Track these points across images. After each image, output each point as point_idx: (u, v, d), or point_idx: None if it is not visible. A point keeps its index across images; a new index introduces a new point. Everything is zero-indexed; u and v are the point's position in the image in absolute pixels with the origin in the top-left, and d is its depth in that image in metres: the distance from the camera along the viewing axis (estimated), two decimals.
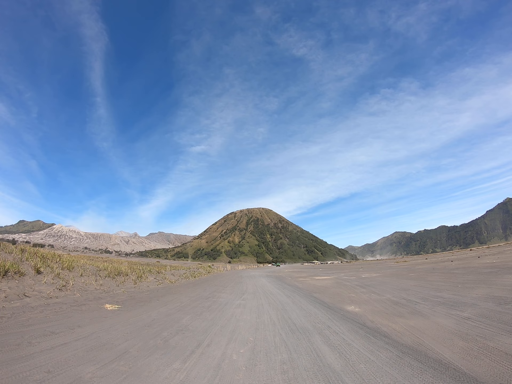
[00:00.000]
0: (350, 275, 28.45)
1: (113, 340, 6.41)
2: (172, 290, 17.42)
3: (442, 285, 15.99)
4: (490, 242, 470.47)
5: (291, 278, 28.03)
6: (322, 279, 25.01)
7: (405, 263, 60.77)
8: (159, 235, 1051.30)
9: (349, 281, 22.19)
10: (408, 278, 21.50)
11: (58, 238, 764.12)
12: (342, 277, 26.25)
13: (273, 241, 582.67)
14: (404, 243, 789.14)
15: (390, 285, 17.83)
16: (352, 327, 7.81)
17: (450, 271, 25.13)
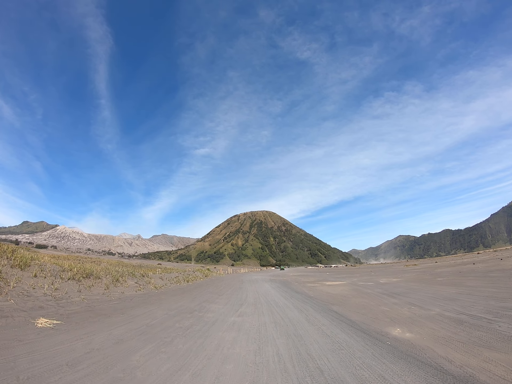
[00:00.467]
0: (366, 280, 24.95)
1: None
2: (152, 298, 13.92)
3: (496, 291, 12.49)
4: (495, 245, 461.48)
5: (298, 284, 24.56)
6: (335, 285, 21.54)
7: (415, 266, 56.98)
8: (163, 238, 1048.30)
9: (368, 287, 18.72)
10: (440, 283, 17.95)
11: (61, 239, 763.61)
12: (358, 283, 22.73)
13: (277, 244, 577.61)
14: (408, 247, 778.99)
15: (424, 293, 14.33)
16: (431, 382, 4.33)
17: (485, 274, 21.62)
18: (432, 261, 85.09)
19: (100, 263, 33.80)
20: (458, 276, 21.68)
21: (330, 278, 31.15)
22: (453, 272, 26.39)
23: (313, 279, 30.27)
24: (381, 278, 26.30)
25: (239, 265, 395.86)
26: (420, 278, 24.01)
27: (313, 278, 33.87)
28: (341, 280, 26.64)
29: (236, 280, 32.76)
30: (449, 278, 20.72)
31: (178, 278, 23.39)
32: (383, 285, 19.69)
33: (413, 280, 22.14)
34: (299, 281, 28.61)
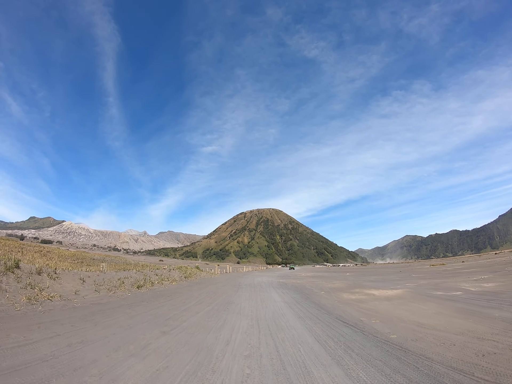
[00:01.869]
0: (440, 287, 15.38)
1: None
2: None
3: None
4: (503, 247, 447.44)
5: (325, 293, 14.98)
6: (396, 296, 12.00)
7: (443, 266, 48.11)
8: (169, 234, 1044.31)
9: (475, 303, 9.55)
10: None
11: (67, 235, 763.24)
12: (431, 292, 13.12)
13: (283, 242, 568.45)
14: (414, 247, 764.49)
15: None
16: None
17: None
18: (457, 260, 74.94)
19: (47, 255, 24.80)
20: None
21: (367, 283, 21.21)
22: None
23: (342, 285, 20.19)
24: (459, 283, 16.86)
25: (245, 263, 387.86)
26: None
27: (338, 281, 23.54)
28: (392, 287, 16.71)
29: (231, 284, 22.92)
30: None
31: (122, 281, 13.86)
32: (480, 295, 10.37)
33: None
34: (323, 287, 18.64)
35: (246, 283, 25.26)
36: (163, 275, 20.22)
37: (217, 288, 18.48)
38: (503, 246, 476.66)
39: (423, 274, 31.48)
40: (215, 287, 19.11)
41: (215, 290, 17.00)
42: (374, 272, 50.65)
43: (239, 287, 19.90)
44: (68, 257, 28.79)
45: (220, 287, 19.38)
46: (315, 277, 36.50)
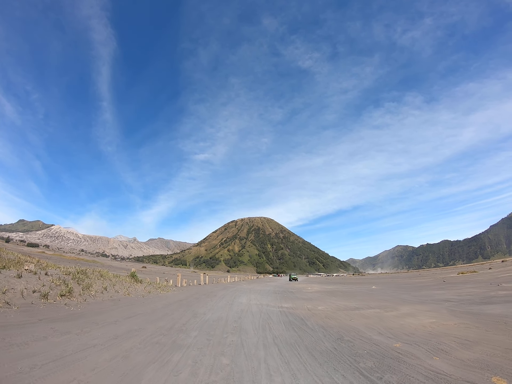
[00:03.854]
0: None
1: None
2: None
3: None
4: (494, 257, 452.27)
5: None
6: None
7: (476, 274, 42.02)
8: (159, 241, 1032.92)
9: None
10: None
11: (56, 239, 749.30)
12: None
13: (274, 251, 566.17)
14: (406, 257, 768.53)
15: None
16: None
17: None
18: (483, 267, 66.94)
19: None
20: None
21: (415, 303, 15.10)
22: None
23: (439, 318, 10.75)
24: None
25: (235, 272, 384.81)
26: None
27: (408, 307, 14.08)
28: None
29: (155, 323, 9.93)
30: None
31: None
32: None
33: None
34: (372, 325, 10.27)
35: (208, 317, 11.58)
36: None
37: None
38: (495, 256, 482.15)
39: (449, 285, 27.31)
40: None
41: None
42: (382, 281, 42.61)
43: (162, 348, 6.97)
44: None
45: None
46: (335, 294, 25.38)
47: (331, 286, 41.43)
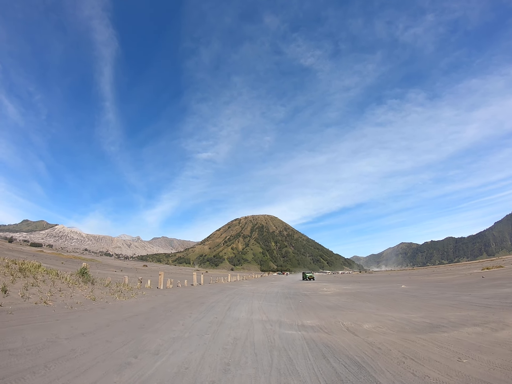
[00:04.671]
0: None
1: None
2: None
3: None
4: (499, 254, 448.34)
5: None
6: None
7: (500, 271, 39.43)
8: (163, 240, 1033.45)
9: None
10: None
11: (59, 238, 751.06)
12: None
13: (278, 249, 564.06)
14: (410, 254, 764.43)
15: None
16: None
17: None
18: (504, 262, 65.70)
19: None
20: None
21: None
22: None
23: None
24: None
25: (239, 270, 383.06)
26: None
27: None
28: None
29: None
30: None
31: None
32: None
33: None
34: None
35: (151, 371, 4.90)
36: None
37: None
38: (499, 253, 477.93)
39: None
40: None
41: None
42: (433, 281, 33.49)
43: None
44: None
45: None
46: (365, 298, 19.33)
47: (349, 286, 36.09)
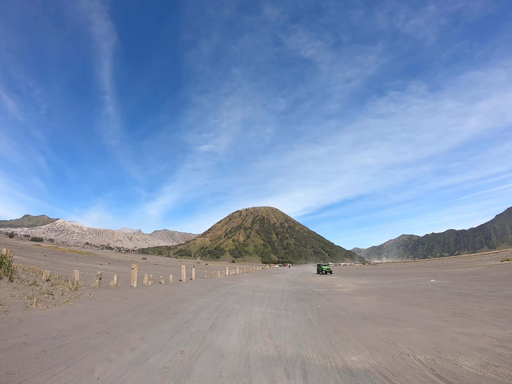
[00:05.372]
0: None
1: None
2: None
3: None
4: (500, 247, 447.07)
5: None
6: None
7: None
8: (164, 233, 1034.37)
9: None
10: None
11: (60, 233, 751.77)
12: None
13: (279, 241, 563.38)
14: (411, 246, 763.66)
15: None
16: None
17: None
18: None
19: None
20: None
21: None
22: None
23: None
24: None
25: (240, 262, 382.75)
26: None
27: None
28: None
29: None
30: None
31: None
32: None
33: None
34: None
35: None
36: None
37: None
38: (500, 246, 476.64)
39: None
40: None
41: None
42: (460, 274, 30.89)
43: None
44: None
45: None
46: (407, 300, 14.68)
47: (364, 280, 31.84)
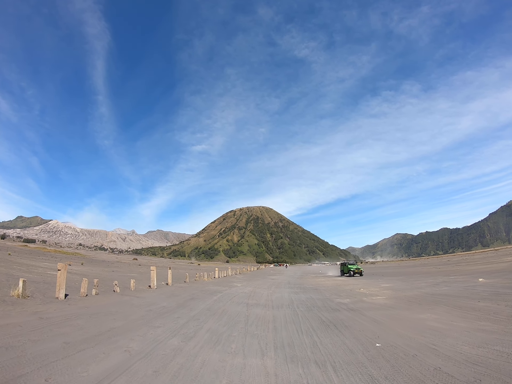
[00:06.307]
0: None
1: None
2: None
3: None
4: (493, 245, 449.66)
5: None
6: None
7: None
8: (158, 233, 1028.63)
9: None
10: None
11: (53, 234, 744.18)
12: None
13: (273, 241, 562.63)
14: (405, 245, 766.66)
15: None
16: None
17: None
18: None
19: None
20: None
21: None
22: None
23: None
24: None
25: (234, 262, 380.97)
26: None
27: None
28: None
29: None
30: None
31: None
32: None
33: None
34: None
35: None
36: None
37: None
38: (494, 244, 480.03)
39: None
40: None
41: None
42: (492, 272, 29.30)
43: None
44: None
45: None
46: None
47: (389, 283, 27.95)
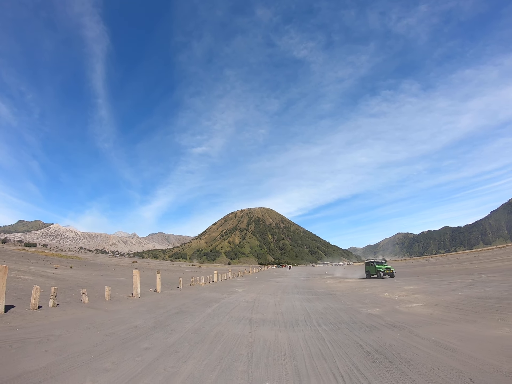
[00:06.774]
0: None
1: None
2: None
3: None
4: (495, 243, 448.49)
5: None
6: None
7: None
8: (159, 236, 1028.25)
9: None
10: None
11: (54, 238, 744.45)
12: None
13: (275, 242, 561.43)
14: (407, 244, 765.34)
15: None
16: None
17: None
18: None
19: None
20: None
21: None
22: None
23: None
24: None
25: (236, 264, 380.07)
26: None
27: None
28: None
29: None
30: None
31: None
32: None
33: None
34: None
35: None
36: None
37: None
38: (496, 242, 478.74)
39: None
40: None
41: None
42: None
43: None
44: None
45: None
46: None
47: (413, 285, 24.31)
